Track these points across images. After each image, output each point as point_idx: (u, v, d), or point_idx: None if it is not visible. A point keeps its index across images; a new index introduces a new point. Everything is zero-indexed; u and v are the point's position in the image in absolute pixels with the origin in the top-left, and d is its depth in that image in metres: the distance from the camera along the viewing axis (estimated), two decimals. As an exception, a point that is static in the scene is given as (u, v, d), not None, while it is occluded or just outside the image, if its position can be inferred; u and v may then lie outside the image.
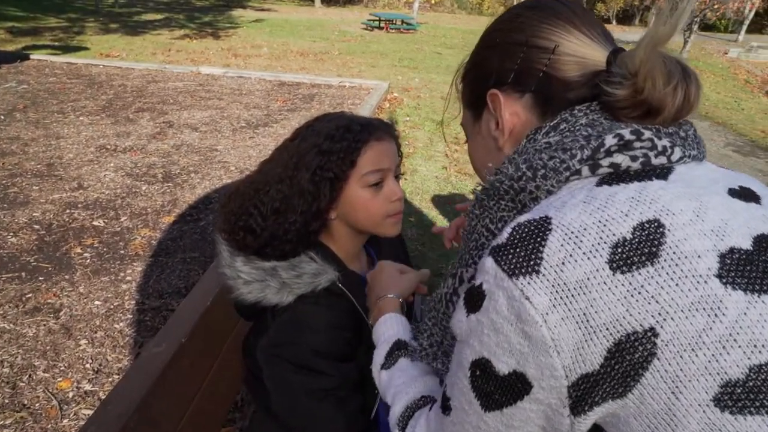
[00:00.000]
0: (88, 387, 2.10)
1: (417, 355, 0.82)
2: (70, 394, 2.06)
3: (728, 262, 0.47)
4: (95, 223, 3.35)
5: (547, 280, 0.48)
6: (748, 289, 0.46)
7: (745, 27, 22.82)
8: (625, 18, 37.26)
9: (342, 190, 1.07)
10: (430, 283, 2.91)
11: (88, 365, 2.21)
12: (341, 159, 1.05)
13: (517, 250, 0.51)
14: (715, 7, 16.98)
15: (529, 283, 0.49)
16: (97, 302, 2.61)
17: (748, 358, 0.45)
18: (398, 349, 0.87)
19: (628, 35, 20.17)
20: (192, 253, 3.09)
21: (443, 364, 0.77)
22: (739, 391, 0.44)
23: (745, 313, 0.45)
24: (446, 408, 0.62)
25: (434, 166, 4.99)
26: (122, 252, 3.05)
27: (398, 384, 0.82)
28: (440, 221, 3.85)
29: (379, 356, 0.89)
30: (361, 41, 14.12)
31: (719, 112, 9.04)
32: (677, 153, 0.56)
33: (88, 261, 2.94)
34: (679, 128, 0.61)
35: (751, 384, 0.44)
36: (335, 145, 1.05)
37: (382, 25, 17.71)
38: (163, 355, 1.09)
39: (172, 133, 5.19)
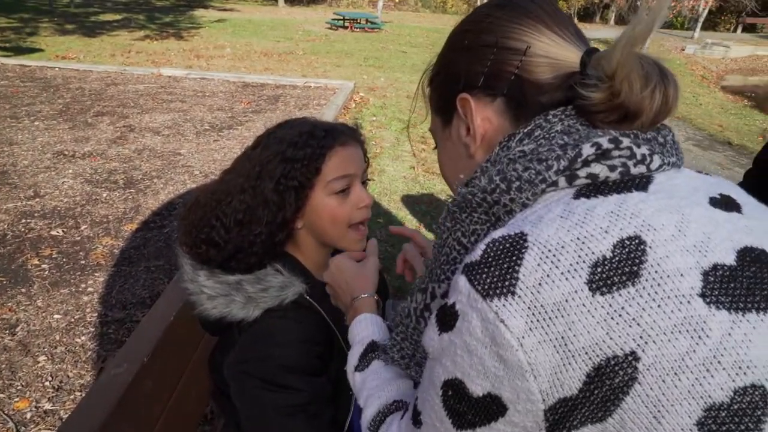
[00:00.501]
0: (47, 406, 2.01)
1: (390, 363, 0.79)
2: (28, 415, 1.97)
3: (712, 279, 0.45)
4: (53, 232, 3.23)
5: (523, 302, 0.46)
6: (732, 308, 0.44)
7: (699, 24, 23.48)
8: (585, 15, 37.98)
9: (308, 198, 1.04)
10: (398, 285, 2.88)
11: (47, 383, 2.12)
12: (305, 166, 1.01)
13: (492, 269, 0.48)
14: (672, 5, 17.44)
15: (504, 305, 0.47)
16: (56, 316, 2.51)
17: (733, 381, 0.43)
18: (372, 350, 0.85)
19: (589, 32, 20.50)
20: (156, 261, 3.01)
21: (417, 372, 0.74)
22: (723, 414, 0.43)
23: (729, 334, 0.44)
24: (417, 422, 0.60)
25: (402, 166, 4.98)
26: (83, 262, 2.95)
27: (371, 387, 0.80)
28: (409, 222, 3.83)
29: (353, 357, 0.87)
30: (326, 41, 14.04)
31: (679, 107, 9.23)
32: (656, 161, 0.54)
33: (47, 273, 2.83)
34: (658, 133, 0.59)
35: (735, 407, 0.43)
36: (299, 152, 1.02)
37: (347, 24, 17.65)
38: (125, 376, 1.03)
39: (133, 137, 5.06)
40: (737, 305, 0.45)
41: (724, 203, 0.53)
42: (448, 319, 0.52)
